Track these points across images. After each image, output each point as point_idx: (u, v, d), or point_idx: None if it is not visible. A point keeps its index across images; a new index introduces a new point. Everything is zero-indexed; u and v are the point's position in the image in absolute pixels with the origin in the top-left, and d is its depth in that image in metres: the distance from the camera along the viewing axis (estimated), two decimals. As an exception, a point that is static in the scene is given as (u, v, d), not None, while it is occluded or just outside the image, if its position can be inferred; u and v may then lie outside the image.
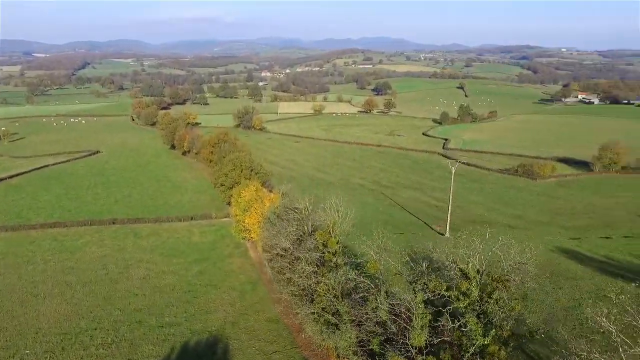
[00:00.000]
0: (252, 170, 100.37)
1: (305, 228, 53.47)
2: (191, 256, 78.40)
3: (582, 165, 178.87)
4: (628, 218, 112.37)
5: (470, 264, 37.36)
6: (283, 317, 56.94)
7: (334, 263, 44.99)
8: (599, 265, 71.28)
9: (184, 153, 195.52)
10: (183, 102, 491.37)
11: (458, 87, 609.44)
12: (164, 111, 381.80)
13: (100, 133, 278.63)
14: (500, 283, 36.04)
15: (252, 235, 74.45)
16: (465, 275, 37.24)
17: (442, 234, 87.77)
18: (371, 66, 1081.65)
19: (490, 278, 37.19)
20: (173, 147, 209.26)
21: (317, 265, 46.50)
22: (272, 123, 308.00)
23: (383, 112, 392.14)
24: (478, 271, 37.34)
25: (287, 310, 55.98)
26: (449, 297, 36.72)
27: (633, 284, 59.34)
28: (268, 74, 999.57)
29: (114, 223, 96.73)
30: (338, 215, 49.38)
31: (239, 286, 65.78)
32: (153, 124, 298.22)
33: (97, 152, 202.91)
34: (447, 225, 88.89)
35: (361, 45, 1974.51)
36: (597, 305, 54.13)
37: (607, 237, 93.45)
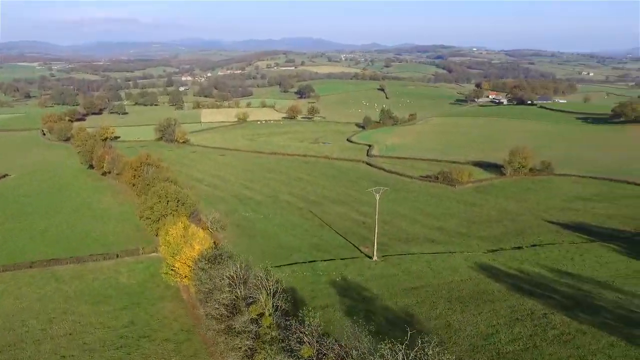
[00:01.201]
0: (178, 201, 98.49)
1: (239, 292, 53.76)
2: (120, 302, 75.67)
3: (495, 168, 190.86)
4: (536, 223, 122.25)
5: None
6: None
7: (270, 336, 45.91)
8: (512, 282, 77.35)
9: (104, 173, 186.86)
10: (99, 112, 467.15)
11: (379, 89, 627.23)
12: (78, 123, 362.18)
13: (7, 151, 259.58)
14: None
15: (183, 281, 73.37)
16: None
17: (370, 257, 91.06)
18: (294, 68, 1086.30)
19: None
20: (92, 166, 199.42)
21: (253, 339, 47.20)
22: (195, 134, 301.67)
23: (307, 118, 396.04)
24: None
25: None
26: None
27: (540, 305, 65.73)
28: (189, 78, 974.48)
29: (31, 267, 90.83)
30: (269, 290, 49.80)
31: (173, 336, 64.47)
32: (67, 139, 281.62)
33: (5, 175, 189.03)
34: (375, 248, 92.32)
35: (283, 46, 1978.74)
36: (512, 332, 59.49)
37: (518, 247, 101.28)
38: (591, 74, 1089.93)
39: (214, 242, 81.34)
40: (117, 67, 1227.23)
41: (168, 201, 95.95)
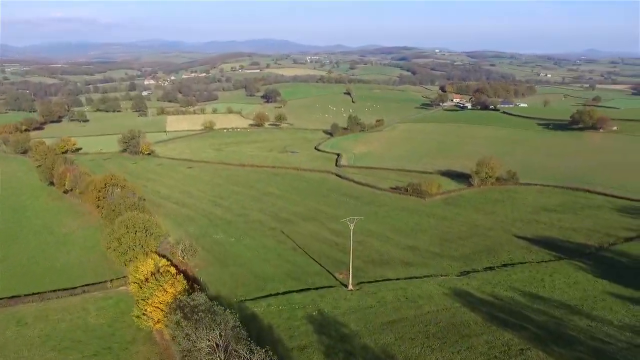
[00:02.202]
0: (146, 231, 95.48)
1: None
2: (90, 347, 72.26)
3: (463, 178, 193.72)
4: (506, 239, 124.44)
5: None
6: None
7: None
8: (487, 310, 78.15)
9: (65, 191, 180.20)
10: (58, 120, 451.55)
11: (345, 93, 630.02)
12: (36, 133, 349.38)
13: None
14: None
15: (156, 325, 70.84)
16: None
17: (346, 286, 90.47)
18: (259, 71, 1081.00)
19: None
20: (52, 183, 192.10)
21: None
22: (161, 145, 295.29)
23: (275, 125, 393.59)
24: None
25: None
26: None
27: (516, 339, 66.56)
28: (152, 81, 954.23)
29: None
30: None
31: (147, 387, 62.31)
32: (25, 152, 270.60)
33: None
34: (350, 277, 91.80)
35: (246, 47, 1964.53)
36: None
37: (490, 268, 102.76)
38: (549, 75, 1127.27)
39: (189, 283, 78.94)
40: (76, 69, 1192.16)
41: (136, 231, 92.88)
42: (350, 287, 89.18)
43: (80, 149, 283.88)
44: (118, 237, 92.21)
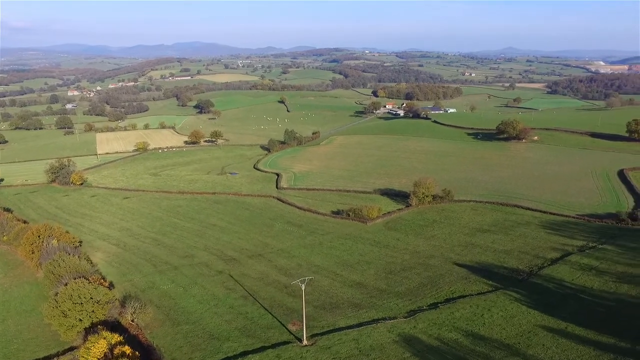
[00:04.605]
0: (91, 299, 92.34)
1: None
2: None
3: (402, 197, 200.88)
4: (446, 269, 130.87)
5: None
6: None
7: None
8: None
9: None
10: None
11: (280, 102, 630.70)
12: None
13: None
14: None
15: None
16: None
17: (300, 340, 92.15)
18: (190, 78, 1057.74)
19: None
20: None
21: None
22: (93, 172, 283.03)
23: (211, 142, 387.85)
24: None
25: None
26: None
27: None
28: (76, 92, 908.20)
29: None
30: None
31: None
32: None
33: None
34: (304, 329, 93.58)
35: (175, 51, 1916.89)
36: None
37: (435, 305, 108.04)
38: (473, 75, 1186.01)
39: (143, 352, 77.34)
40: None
41: (82, 303, 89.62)
42: (305, 342, 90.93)
43: (2, 180, 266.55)
44: (63, 310, 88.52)
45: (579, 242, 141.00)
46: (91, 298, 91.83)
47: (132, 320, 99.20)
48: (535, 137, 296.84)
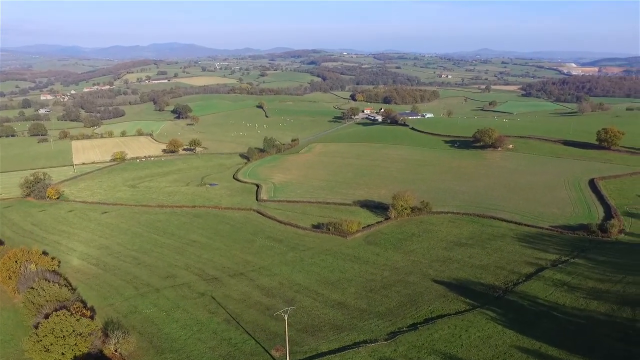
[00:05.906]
0: (74, 332, 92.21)
1: None
2: None
3: (381, 209, 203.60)
4: (425, 287, 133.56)
5: None
6: None
7: None
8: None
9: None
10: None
11: (258, 106, 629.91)
12: None
13: None
14: None
15: None
16: None
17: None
18: (167, 81, 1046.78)
19: None
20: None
21: None
22: (70, 184, 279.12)
23: (190, 150, 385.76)
24: None
25: None
26: None
27: None
28: (49, 96, 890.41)
29: None
30: None
31: None
32: None
33: None
34: (287, 354, 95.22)
35: (151, 53, 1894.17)
36: None
37: (414, 325, 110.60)
38: (449, 77, 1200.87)
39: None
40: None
41: (64, 337, 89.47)
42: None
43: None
44: (45, 344, 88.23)
45: (552, 256, 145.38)
46: (74, 331, 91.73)
47: (116, 350, 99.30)
48: (510, 145, 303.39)
